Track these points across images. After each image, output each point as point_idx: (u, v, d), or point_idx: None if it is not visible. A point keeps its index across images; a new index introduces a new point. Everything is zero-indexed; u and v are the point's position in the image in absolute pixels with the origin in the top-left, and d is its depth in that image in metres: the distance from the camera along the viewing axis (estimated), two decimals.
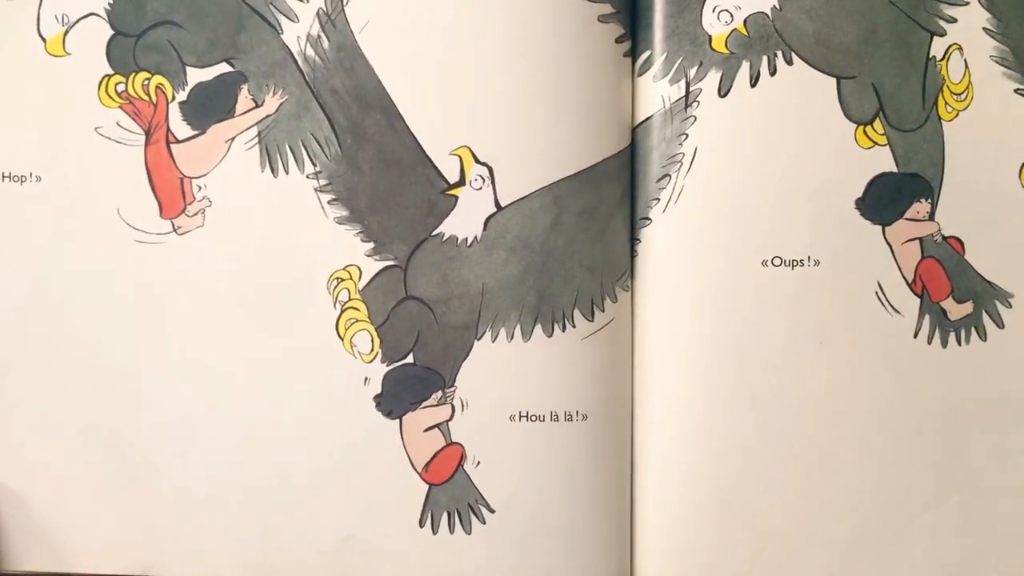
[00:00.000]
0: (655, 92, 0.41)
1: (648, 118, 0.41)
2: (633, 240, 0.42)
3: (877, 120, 0.41)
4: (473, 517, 0.41)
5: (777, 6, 0.41)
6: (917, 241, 0.41)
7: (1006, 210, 0.41)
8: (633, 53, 0.42)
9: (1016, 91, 0.41)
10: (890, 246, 0.41)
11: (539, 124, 0.40)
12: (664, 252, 0.41)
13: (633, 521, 0.41)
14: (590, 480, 0.41)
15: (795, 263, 0.41)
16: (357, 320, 0.40)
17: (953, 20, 0.41)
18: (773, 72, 0.41)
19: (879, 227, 0.41)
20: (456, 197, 0.40)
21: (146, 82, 0.40)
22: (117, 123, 0.40)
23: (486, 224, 0.40)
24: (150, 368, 0.40)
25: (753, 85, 0.41)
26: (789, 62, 0.41)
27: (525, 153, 0.40)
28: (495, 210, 0.40)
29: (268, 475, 0.40)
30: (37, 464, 0.41)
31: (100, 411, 0.40)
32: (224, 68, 0.40)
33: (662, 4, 0.41)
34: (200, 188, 0.40)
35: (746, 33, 0.41)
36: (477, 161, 0.40)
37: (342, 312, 0.40)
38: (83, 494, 0.41)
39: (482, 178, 0.40)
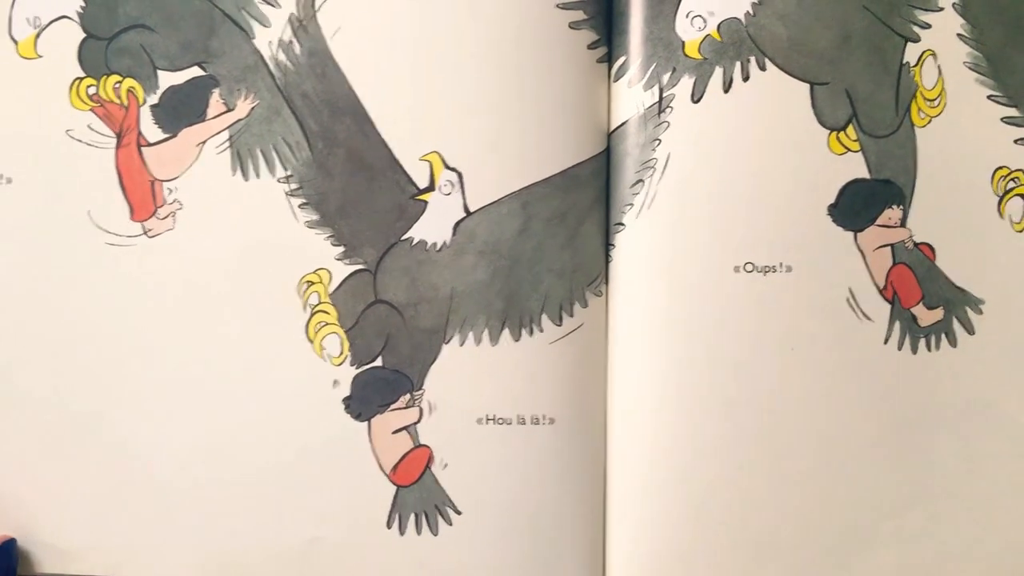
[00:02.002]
0: (630, 97, 0.41)
1: (623, 123, 0.41)
2: (608, 245, 0.42)
3: (850, 126, 0.41)
4: (440, 519, 0.41)
5: (751, 12, 0.40)
6: (888, 247, 0.41)
7: (978, 217, 0.41)
8: (609, 59, 0.41)
9: (989, 97, 0.41)
10: (861, 252, 0.41)
11: (509, 130, 0.40)
12: (637, 258, 0.41)
13: (606, 525, 0.41)
14: (559, 483, 0.41)
15: (767, 269, 0.40)
16: (327, 323, 0.41)
17: (927, 26, 0.41)
18: (746, 78, 0.40)
19: (851, 233, 0.41)
20: (426, 202, 0.41)
21: (117, 85, 0.40)
22: (88, 126, 0.41)
23: (455, 229, 0.41)
24: (120, 369, 0.41)
25: (726, 91, 0.41)
26: (762, 68, 0.40)
27: (495, 159, 0.40)
28: (464, 215, 0.40)
29: (237, 476, 0.41)
30: (2, 465, 0.41)
31: (70, 413, 0.41)
32: (196, 72, 0.41)
33: (636, 10, 0.41)
34: (171, 191, 0.41)
35: (720, 39, 0.41)
36: (447, 167, 0.40)
37: (312, 315, 0.41)
38: (49, 495, 0.41)
39: (451, 183, 0.40)
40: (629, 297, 0.41)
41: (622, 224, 0.41)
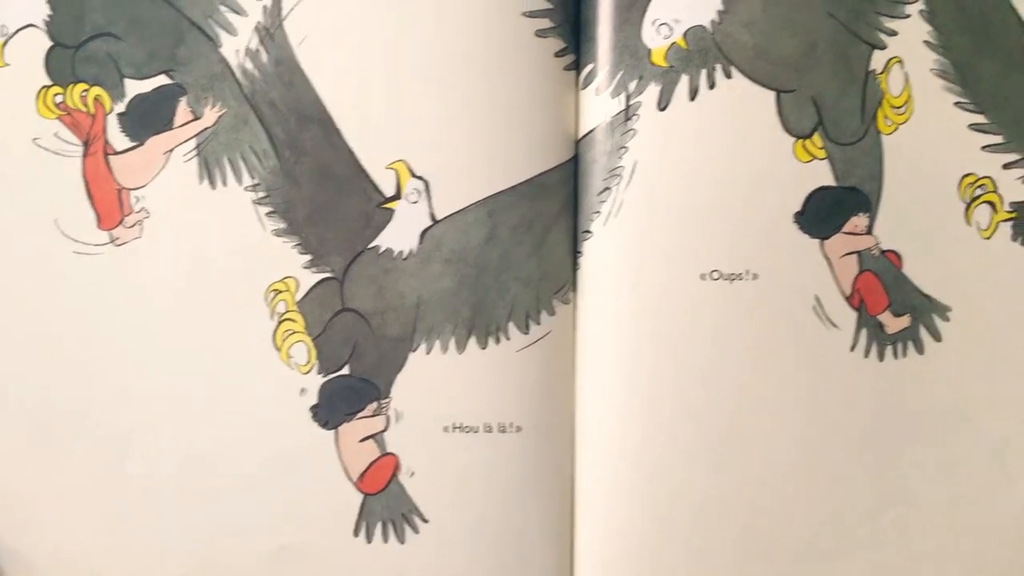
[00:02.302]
0: (597, 105, 0.41)
1: (591, 131, 0.41)
2: (576, 253, 0.42)
3: (816, 134, 0.41)
4: (407, 527, 0.41)
5: (716, 19, 0.40)
6: (855, 255, 0.41)
7: (945, 224, 0.41)
8: (577, 66, 0.41)
9: (957, 104, 0.41)
10: (828, 260, 0.41)
11: (475, 138, 0.40)
12: (605, 265, 0.41)
13: (573, 532, 0.41)
14: (526, 491, 0.41)
15: (733, 277, 0.41)
16: (294, 331, 0.41)
17: (894, 33, 0.41)
18: (712, 85, 0.41)
19: (817, 241, 0.41)
20: (392, 210, 0.41)
21: (84, 93, 0.40)
22: (55, 134, 0.41)
23: (422, 237, 0.41)
24: (88, 377, 0.41)
25: (692, 99, 0.41)
26: (728, 75, 0.41)
27: (461, 167, 0.40)
28: (431, 223, 0.41)
29: (205, 484, 0.41)
30: None
31: (37, 422, 0.41)
32: (163, 80, 0.41)
33: (603, 18, 0.41)
34: (138, 200, 0.41)
35: (685, 47, 0.41)
36: (413, 175, 0.40)
37: (279, 323, 0.41)
38: (13, 505, 0.41)
39: (418, 192, 0.40)
40: (597, 305, 0.41)
41: (590, 232, 0.41)
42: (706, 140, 0.41)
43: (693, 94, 0.41)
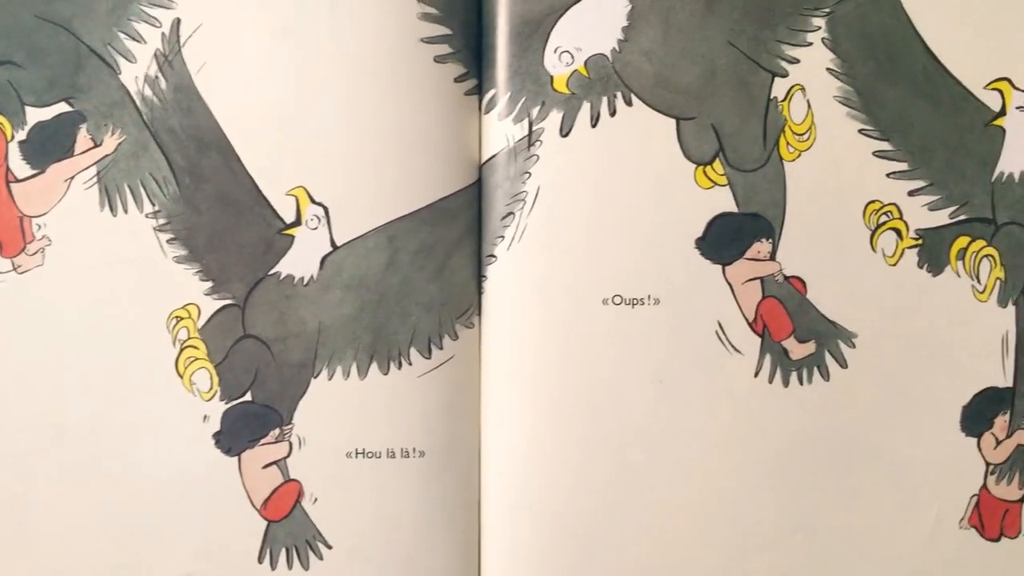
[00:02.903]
0: (500, 130, 0.41)
1: (494, 156, 0.41)
2: (480, 277, 0.42)
3: (717, 160, 0.41)
4: (311, 553, 0.41)
5: (617, 48, 0.40)
6: (758, 280, 0.41)
7: (850, 250, 0.41)
8: (480, 91, 0.41)
9: (861, 131, 0.41)
10: (730, 285, 0.41)
11: (375, 164, 0.40)
12: (509, 290, 0.41)
13: (480, 557, 0.41)
14: (431, 516, 0.41)
15: (635, 302, 0.40)
16: (196, 358, 0.41)
17: (795, 61, 0.41)
18: (613, 113, 0.41)
19: (719, 266, 0.41)
20: (292, 236, 0.41)
21: None
22: None
23: (322, 263, 0.41)
24: None
25: (594, 125, 0.41)
26: (629, 103, 0.41)
27: (361, 192, 0.40)
28: (331, 249, 0.41)
29: (108, 512, 0.41)
30: None
31: None
32: (63, 108, 0.41)
33: (504, 44, 0.41)
34: (40, 227, 0.41)
35: (587, 74, 0.41)
36: (313, 201, 0.40)
37: (181, 350, 0.41)
38: None
39: (318, 218, 0.40)
40: (501, 329, 0.41)
41: (494, 256, 0.41)
42: (608, 166, 0.41)
43: (595, 121, 0.40)
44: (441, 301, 0.41)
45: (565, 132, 0.41)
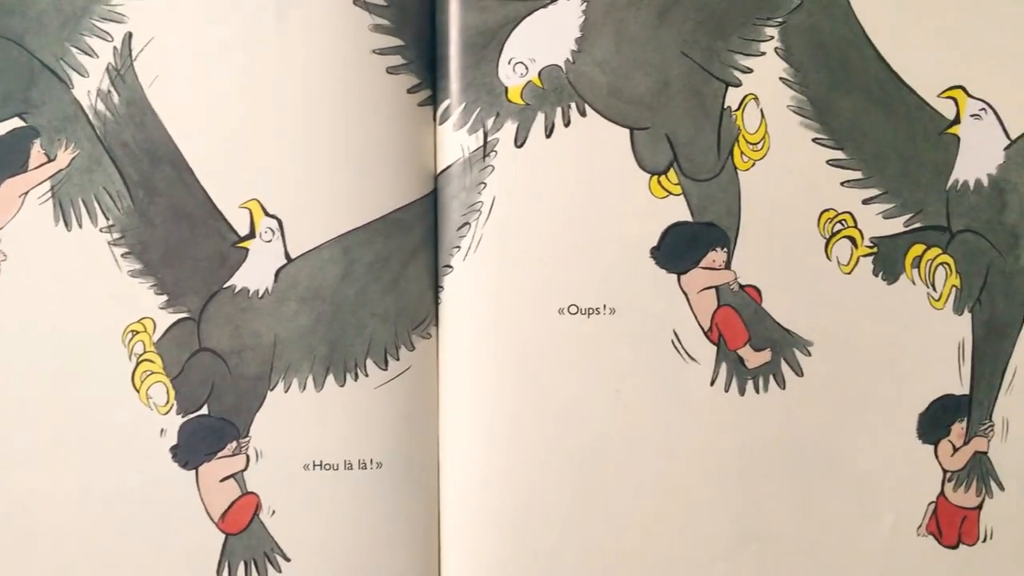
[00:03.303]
0: (455, 141, 0.41)
1: (449, 167, 0.41)
2: (437, 287, 0.42)
3: (671, 170, 0.41)
4: (269, 566, 0.41)
5: (570, 59, 0.41)
6: (713, 289, 0.41)
7: (804, 259, 0.41)
8: (434, 102, 0.41)
9: (815, 140, 0.41)
10: (686, 294, 0.41)
11: (328, 176, 0.40)
12: (465, 300, 0.41)
13: (440, 568, 0.41)
14: (389, 527, 0.41)
15: (591, 311, 0.41)
16: (152, 372, 0.41)
17: (749, 71, 0.41)
18: (567, 123, 0.41)
19: (674, 276, 0.41)
20: (247, 249, 0.41)
21: None
22: None
23: (277, 276, 0.41)
24: None
25: (548, 136, 0.41)
26: (583, 113, 0.41)
27: (315, 204, 0.40)
28: (285, 262, 0.41)
29: (66, 528, 0.41)
30: None
31: None
32: (16, 123, 0.41)
33: (458, 55, 0.41)
34: None
35: (541, 85, 0.41)
36: (267, 214, 0.40)
37: (137, 364, 0.41)
38: None
39: (272, 230, 0.40)
40: (458, 339, 0.41)
41: (450, 267, 0.41)
42: (562, 176, 0.41)
43: (549, 131, 0.41)
44: (397, 312, 0.41)
45: (520, 143, 0.41)
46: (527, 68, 0.41)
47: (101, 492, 0.41)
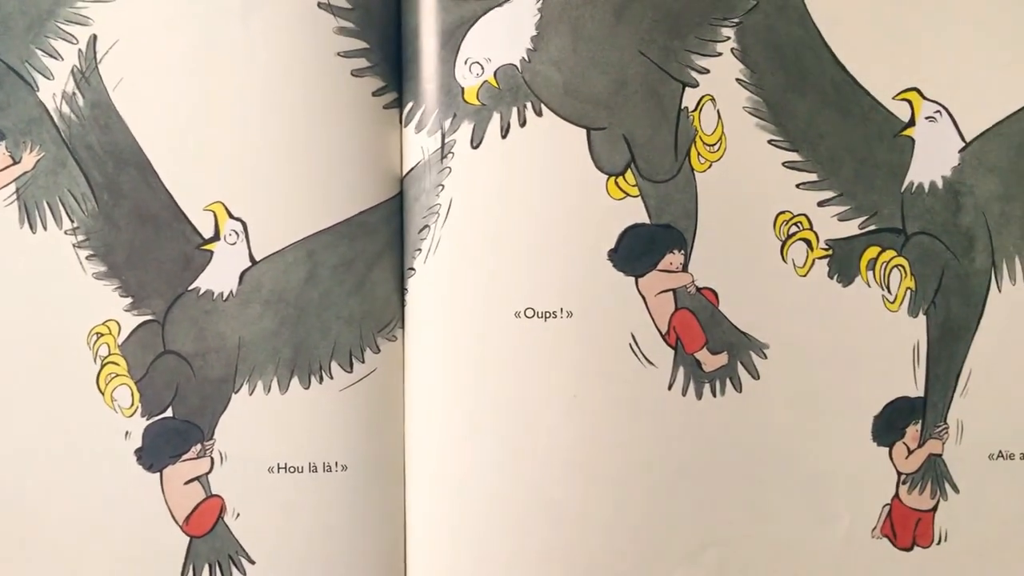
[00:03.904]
0: (417, 143, 0.42)
1: (412, 169, 0.42)
2: (403, 290, 0.42)
3: (629, 171, 0.41)
4: (234, 569, 0.41)
5: (526, 58, 0.41)
6: (670, 292, 0.41)
7: (760, 261, 0.41)
8: (400, 104, 0.42)
9: (771, 142, 0.41)
10: (643, 297, 0.41)
11: (293, 178, 0.41)
12: (427, 303, 0.42)
13: (406, 570, 0.42)
14: (354, 530, 0.41)
15: (548, 315, 0.41)
16: (117, 375, 0.41)
17: (706, 71, 0.41)
18: (523, 123, 0.41)
19: (632, 278, 0.41)
20: (211, 252, 0.41)
21: None
22: None
23: (241, 278, 0.41)
24: None
25: (504, 136, 0.41)
26: (539, 113, 0.41)
27: (279, 207, 0.41)
28: (250, 264, 0.41)
29: (29, 530, 0.41)
30: None
31: None
32: None
33: (420, 57, 0.41)
34: None
35: (496, 85, 0.41)
36: (231, 216, 0.41)
37: (102, 367, 0.41)
38: None
39: (236, 233, 0.41)
40: (421, 342, 0.42)
41: (413, 269, 0.42)
42: (518, 177, 0.41)
43: (505, 132, 0.41)
44: (362, 315, 0.41)
45: (476, 144, 0.41)
46: (483, 68, 0.41)
47: (65, 494, 0.41)
